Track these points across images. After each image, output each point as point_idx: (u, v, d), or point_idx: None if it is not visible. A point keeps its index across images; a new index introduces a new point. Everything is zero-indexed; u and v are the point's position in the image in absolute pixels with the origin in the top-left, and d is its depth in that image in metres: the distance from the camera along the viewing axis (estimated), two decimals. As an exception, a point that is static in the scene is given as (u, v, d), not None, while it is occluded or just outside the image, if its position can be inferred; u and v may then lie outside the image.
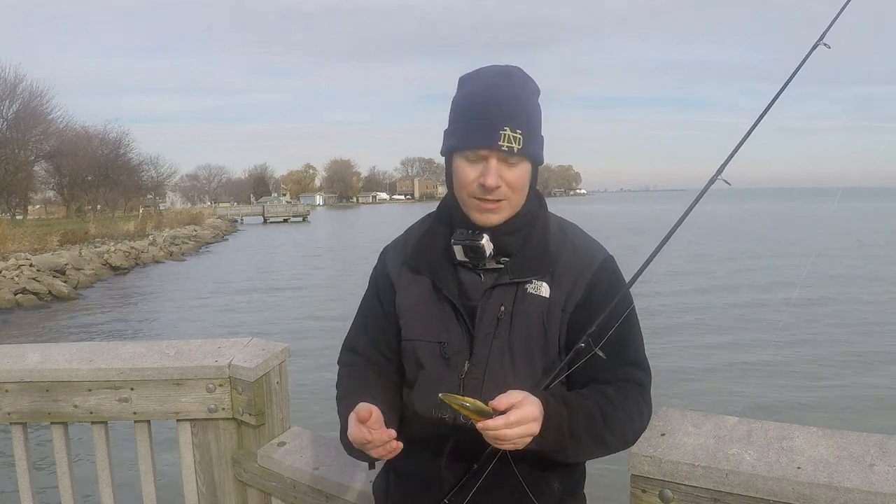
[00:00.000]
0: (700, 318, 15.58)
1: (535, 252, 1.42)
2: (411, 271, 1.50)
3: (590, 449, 1.32)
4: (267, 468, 2.15)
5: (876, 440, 1.26)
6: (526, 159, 1.36)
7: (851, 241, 32.59)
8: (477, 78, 1.40)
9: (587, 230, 1.54)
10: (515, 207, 1.40)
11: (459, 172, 1.38)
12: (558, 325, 1.39)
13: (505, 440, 1.19)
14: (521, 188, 1.38)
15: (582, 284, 1.40)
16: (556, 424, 1.24)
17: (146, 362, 2.19)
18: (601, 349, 1.31)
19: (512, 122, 1.32)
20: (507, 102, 1.34)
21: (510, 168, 1.34)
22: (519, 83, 1.38)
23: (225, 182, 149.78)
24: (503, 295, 1.40)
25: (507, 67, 1.40)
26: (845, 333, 13.75)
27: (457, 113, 1.39)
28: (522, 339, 1.39)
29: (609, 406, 1.32)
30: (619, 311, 1.36)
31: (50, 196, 62.30)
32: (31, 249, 26.91)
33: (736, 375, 10.66)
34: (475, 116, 1.34)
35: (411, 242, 1.53)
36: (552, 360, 1.40)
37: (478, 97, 1.36)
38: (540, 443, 1.24)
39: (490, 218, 1.38)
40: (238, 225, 73.20)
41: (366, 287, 1.62)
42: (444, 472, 1.41)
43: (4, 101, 49.27)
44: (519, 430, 1.19)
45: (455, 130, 1.38)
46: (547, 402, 1.24)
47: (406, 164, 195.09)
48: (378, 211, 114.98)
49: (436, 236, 1.49)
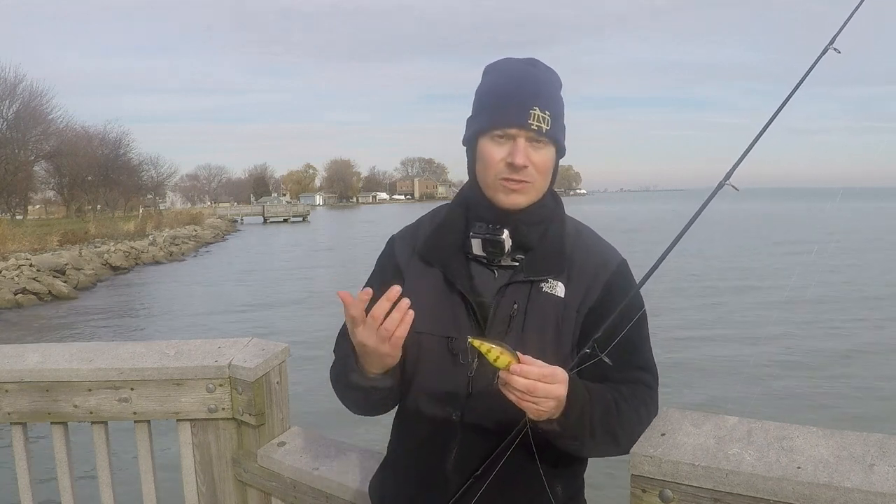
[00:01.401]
0: (700, 319, 15.59)
1: (552, 251, 1.41)
2: (422, 262, 1.46)
3: (601, 441, 1.30)
4: (267, 468, 2.15)
5: (876, 440, 1.26)
6: (552, 144, 1.36)
7: (852, 241, 32.58)
8: (502, 65, 1.41)
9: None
10: (540, 192, 1.39)
11: (486, 153, 1.36)
12: (572, 326, 1.38)
13: (533, 393, 1.15)
14: (546, 172, 1.38)
15: (598, 287, 1.39)
16: (580, 405, 1.23)
17: (146, 362, 2.19)
18: (608, 355, 1.29)
19: (541, 102, 1.33)
20: (535, 84, 1.35)
21: (537, 150, 1.34)
22: (544, 70, 1.40)
23: (225, 182, 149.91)
24: (517, 293, 1.38)
25: (531, 58, 1.42)
26: (845, 333, 13.75)
27: (483, 98, 1.39)
28: (535, 339, 1.36)
29: (623, 402, 1.31)
30: (630, 316, 1.35)
31: (50, 196, 62.32)
32: (31, 249, 26.92)
33: (736, 375, 10.67)
34: (504, 96, 1.34)
35: (424, 233, 1.50)
36: (564, 360, 1.37)
37: (505, 81, 1.37)
38: (562, 422, 1.22)
39: (516, 199, 1.36)
40: (238, 225, 73.24)
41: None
42: (451, 473, 1.38)
43: (4, 101, 49.35)
44: (549, 387, 1.16)
45: (481, 113, 1.38)
46: (573, 379, 1.23)
47: (406, 164, 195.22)
48: (378, 211, 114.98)
49: (451, 229, 1.46)
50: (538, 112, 1.32)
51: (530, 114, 1.31)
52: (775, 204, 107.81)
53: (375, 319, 1.22)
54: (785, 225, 51.66)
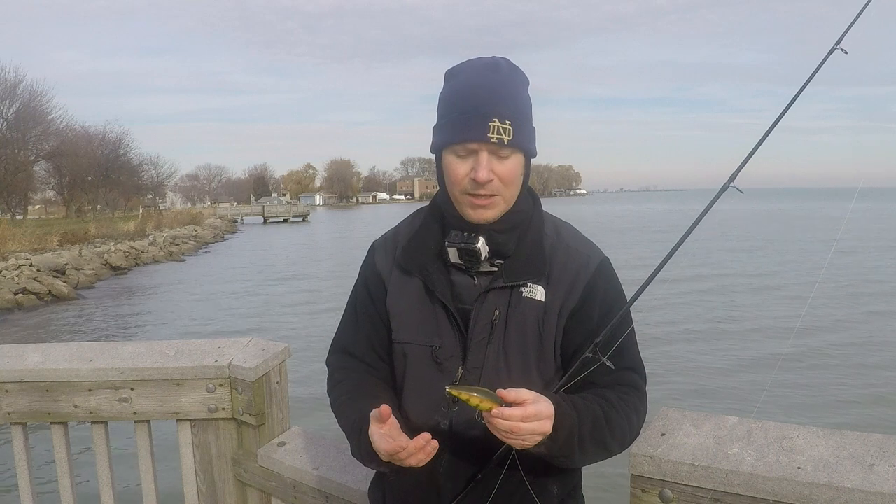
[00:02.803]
0: (699, 317, 15.58)
1: (530, 254, 1.39)
2: (402, 272, 1.45)
3: (593, 454, 1.30)
4: (267, 468, 2.15)
5: (876, 440, 1.26)
6: (518, 151, 1.33)
7: (854, 242, 32.57)
8: (463, 71, 1.36)
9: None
10: (509, 202, 1.37)
11: (450, 169, 1.34)
12: (554, 330, 1.37)
13: (517, 433, 1.16)
14: (513, 182, 1.34)
15: (579, 289, 1.37)
16: (568, 428, 1.22)
17: (146, 362, 2.19)
18: (608, 359, 1.29)
19: (500, 113, 1.28)
20: (494, 93, 1.30)
21: (502, 161, 1.31)
22: (506, 74, 1.34)
23: (225, 182, 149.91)
24: (498, 299, 1.37)
25: (493, 59, 1.36)
26: (845, 332, 13.74)
27: (444, 108, 1.35)
28: (518, 344, 1.36)
29: (613, 412, 1.30)
30: (622, 318, 1.34)
31: (50, 196, 62.34)
32: (31, 249, 26.90)
33: (736, 375, 10.67)
34: (462, 110, 1.30)
35: (401, 242, 1.49)
36: (548, 364, 1.37)
37: (464, 90, 1.32)
38: (550, 446, 1.21)
39: (484, 214, 1.35)
40: (238, 225, 73.14)
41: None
42: (444, 480, 1.38)
43: (4, 101, 49.35)
44: (533, 425, 1.16)
45: (443, 126, 1.35)
46: (559, 405, 1.22)
47: (406, 164, 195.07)
48: (378, 211, 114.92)
49: (428, 236, 1.44)
50: (497, 124, 1.28)
51: (489, 126, 1.27)
52: (774, 204, 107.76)
53: (401, 449, 1.23)
54: (791, 224, 51.64)
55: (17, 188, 48.67)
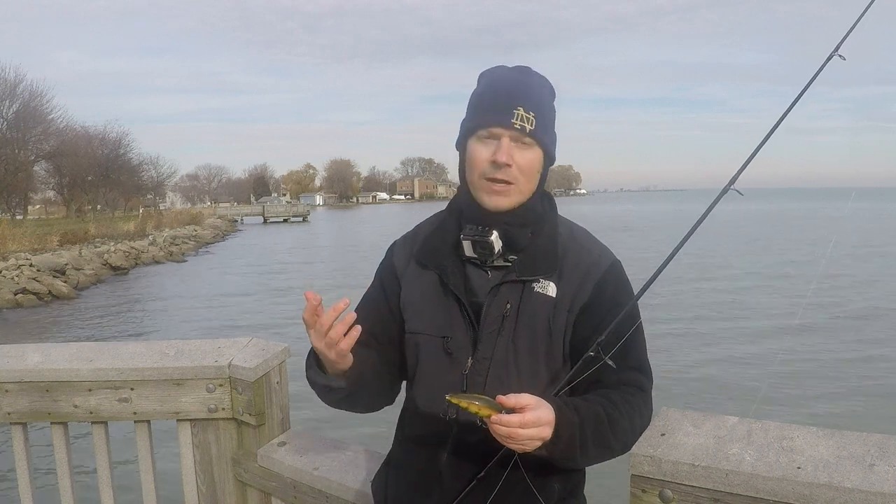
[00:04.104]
0: (699, 317, 15.59)
1: (543, 251, 1.42)
2: (419, 266, 1.50)
3: (595, 456, 1.32)
4: (267, 468, 2.15)
5: (876, 440, 1.26)
6: (538, 145, 1.38)
7: (855, 243, 32.57)
8: (494, 71, 1.46)
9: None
10: (524, 194, 1.41)
11: (472, 153, 1.40)
12: (563, 325, 1.39)
13: (516, 439, 1.18)
14: (531, 173, 1.40)
15: (589, 287, 1.40)
16: (569, 432, 1.24)
17: (146, 362, 2.19)
18: (610, 358, 1.30)
19: (526, 103, 1.36)
20: (522, 85, 1.39)
21: (522, 150, 1.37)
22: (535, 78, 1.43)
23: (225, 182, 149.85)
24: (510, 293, 1.40)
25: (524, 66, 1.45)
26: (845, 332, 13.74)
27: (472, 101, 1.44)
28: (527, 338, 1.38)
29: (616, 413, 1.31)
30: (629, 316, 1.36)
31: (50, 196, 62.37)
32: (31, 249, 26.90)
33: (736, 375, 10.67)
34: (490, 99, 1.39)
35: (420, 237, 1.54)
36: (556, 359, 1.39)
37: (495, 84, 1.41)
38: (551, 450, 1.23)
39: (499, 201, 1.39)
40: (238, 225, 73.15)
41: (368, 284, 1.62)
42: (444, 468, 1.40)
43: (4, 101, 49.40)
44: (532, 431, 1.18)
45: (470, 116, 1.42)
46: (560, 409, 1.23)
47: (406, 164, 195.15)
48: (378, 211, 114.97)
49: (445, 232, 1.50)
50: (522, 112, 1.35)
51: (514, 113, 1.35)
52: (773, 204, 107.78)
53: (322, 326, 1.27)
54: (790, 225, 51.64)
55: (17, 188, 48.70)
